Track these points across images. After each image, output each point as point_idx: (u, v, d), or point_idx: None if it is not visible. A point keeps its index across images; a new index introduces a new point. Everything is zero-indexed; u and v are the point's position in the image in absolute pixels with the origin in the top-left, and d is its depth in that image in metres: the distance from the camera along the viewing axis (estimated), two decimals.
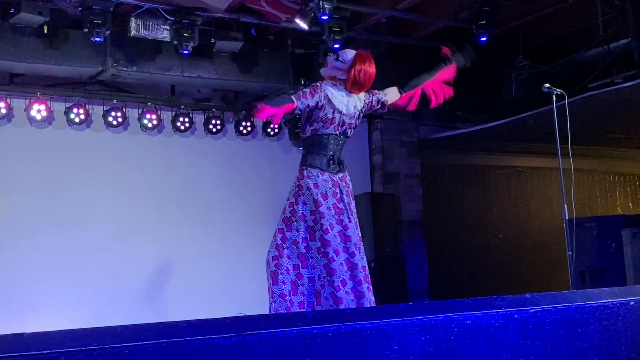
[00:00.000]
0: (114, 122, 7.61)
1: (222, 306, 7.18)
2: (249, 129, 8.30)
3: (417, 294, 8.88)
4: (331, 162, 4.31)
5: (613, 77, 7.00)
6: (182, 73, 7.25)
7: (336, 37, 6.86)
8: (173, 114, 7.94)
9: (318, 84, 4.24)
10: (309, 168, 4.29)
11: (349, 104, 4.31)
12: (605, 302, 3.35)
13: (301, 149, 4.45)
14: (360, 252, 4.27)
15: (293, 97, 4.09)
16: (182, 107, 7.98)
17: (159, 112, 7.82)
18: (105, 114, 7.59)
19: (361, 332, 2.67)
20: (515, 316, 3.07)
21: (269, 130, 8.43)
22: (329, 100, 4.22)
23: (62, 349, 2.16)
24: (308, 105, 4.14)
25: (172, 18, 6.81)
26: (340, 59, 4.33)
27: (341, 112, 4.27)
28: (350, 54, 4.34)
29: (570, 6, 7.16)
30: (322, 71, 4.39)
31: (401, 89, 4.58)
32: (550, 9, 7.27)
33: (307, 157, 4.33)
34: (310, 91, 4.15)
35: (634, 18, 6.63)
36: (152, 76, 7.27)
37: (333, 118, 4.24)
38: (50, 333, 2.23)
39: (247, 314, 2.89)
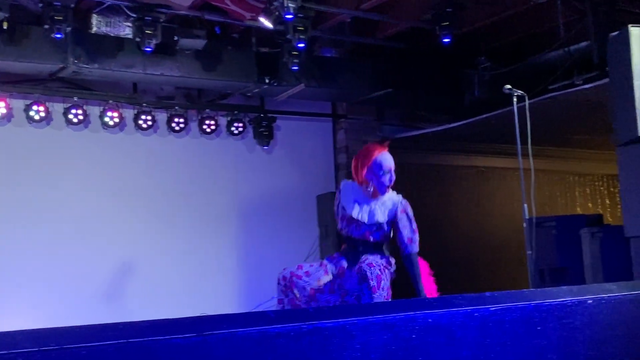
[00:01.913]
0: (75, 120, 7.51)
1: (185, 306, 7.15)
2: (212, 127, 8.26)
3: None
4: None
5: (573, 79, 7.10)
6: (145, 70, 7.18)
7: (300, 36, 6.86)
8: (135, 112, 7.87)
9: None
10: None
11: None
12: (563, 301, 3.40)
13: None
14: None
15: None
16: (145, 105, 7.91)
17: (120, 110, 7.75)
18: (66, 112, 7.49)
19: (322, 332, 2.67)
20: (476, 314, 3.10)
21: (232, 129, 8.40)
22: None
23: (20, 349, 2.13)
24: None
25: (134, 15, 6.74)
26: None
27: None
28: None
29: (531, 9, 7.25)
30: None
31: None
32: (512, 11, 7.35)
33: None
34: None
35: (593, 21, 6.74)
36: (113, 73, 7.19)
37: None
38: (7, 333, 2.19)
39: (210, 314, 2.88)
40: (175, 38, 7.03)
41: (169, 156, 8.21)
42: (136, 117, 7.84)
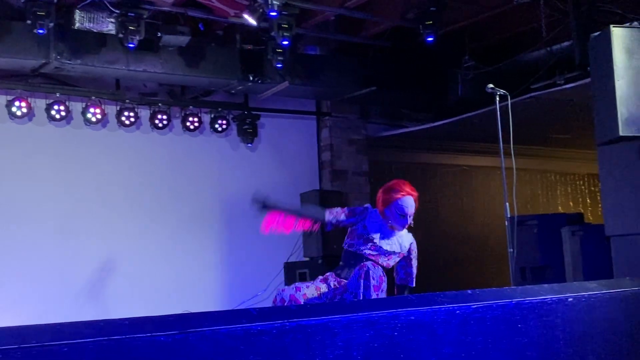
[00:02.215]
0: (57, 116, 7.46)
1: (168, 304, 7.13)
2: (196, 124, 8.23)
3: None
4: None
5: (555, 79, 7.15)
6: (128, 67, 7.14)
7: (285, 34, 6.85)
8: (118, 108, 7.83)
9: None
10: None
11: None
12: (544, 299, 3.43)
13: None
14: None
15: None
16: (127, 101, 7.87)
17: (103, 106, 7.70)
18: (48, 108, 7.44)
19: (305, 329, 2.68)
20: (457, 312, 3.12)
21: (216, 126, 8.38)
22: None
23: (0, 346, 2.12)
24: None
25: (117, 11, 6.70)
26: None
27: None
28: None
29: (514, 8, 7.29)
30: None
31: None
32: (496, 10, 7.39)
33: None
34: None
35: (575, 21, 6.78)
36: (96, 69, 7.15)
37: None
38: None
39: (193, 312, 2.88)
40: (159, 34, 7.00)
41: (152, 153, 8.17)
42: (119, 114, 7.80)
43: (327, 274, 4.78)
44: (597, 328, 3.70)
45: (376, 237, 4.68)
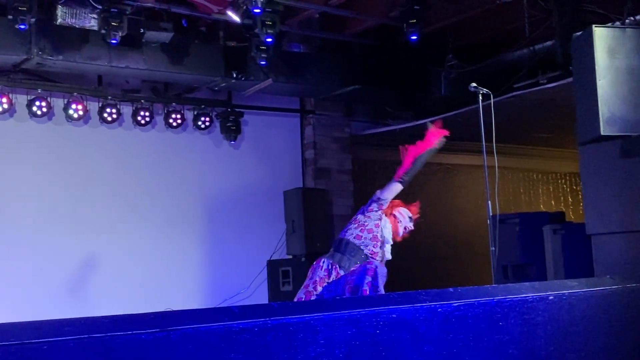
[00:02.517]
0: (39, 112, 7.40)
1: (150, 302, 7.10)
2: (179, 121, 8.20)
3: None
4: None
5: (538, 78, 7.19)
6: (110, 63, 7.10)
7: (269, 31, 6.83)
8: (100, 105, 7.78)
9: None
10: None
11: None
12: (525, 297, 3.45)
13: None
14: None
15: None
16: (110, 97, 7.82)
17: (85, 103, 7.65)
18: (30, 104, 7.38)
19: (287, 327, 2.68)
20: (439, 310, 3.13)
21: (199, 123, 8.35)
22: None
23: None
24: None
25: (100, 7, 6.64)
26: None
27: None
28: None
29: (498, 8, 7.32)
30: None
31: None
32: (479, 9, 7.42)
33: None
34: None
35: (558, 20, 6.82)
36: (78, 65, 7.09)
37: None
38: None
39: (175, 310, 2.86)
40: (142, 31, 6.95)
41: (134, 150, 8.13)
42: (101, 110, 7.75)
43: (327, 261, 4.82)
44: (578, 326, 3.72)
45: (388, 245, 4.86)
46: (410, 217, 4.97)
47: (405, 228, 4.94)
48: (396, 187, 4.87)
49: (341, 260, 4.77)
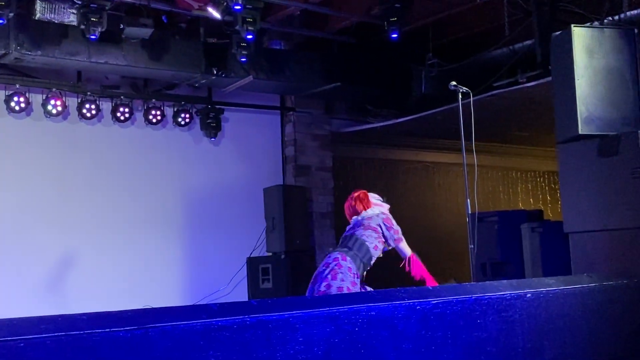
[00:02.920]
0: (17, 108, 7.32)
1: (129, 299, 7.03)
2: (158, 117, 8.15)
3: None
4: None
5: (517, 77, 7.23)
6: (89, 59, 7.04)
7: (249, 28, 6.81)
8: (79, 101, 7.72)
9: None
10: None
11: None
12: (503, 294, 3.47)
13: None
14: None
15: None
16: (89, 93, 7.76)
17: (64, 98, 7.58)
18: (8, 99, 7.30)
19: (266, 324, 2.68)
20: (418, 307, 3.15)
21: (179, 119, 8.31)
22: None
23: None
24: None
25: (79, 2, 6.58)
26: None
27: None
28: None
29: (478, 6, 7.35)
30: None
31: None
32: (459, 8, 7.45)
33: None
34: None
35: (537, 20, 6.87)
36: (57, 61, 7.03)
37: None
38: None
39: (154, 307, 2.85)
40: (121, 26, 6.90)
41: (113, 146, 8.08)
42: (80, 106, 7.69)
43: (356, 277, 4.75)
44: (555, 323, 3.76)
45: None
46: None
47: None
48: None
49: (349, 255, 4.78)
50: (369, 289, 4.72)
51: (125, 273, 7.86)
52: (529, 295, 3.62)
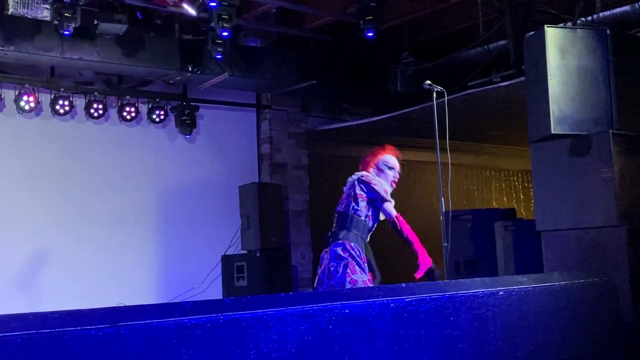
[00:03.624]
0: None
1: (102, 297, 6.98)
2: (133, 114, 8.09)
3: (301, 284, 8.97)
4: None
5: (491, 77, 7.29)
6: (63, 54, 6.97)
7: (225, 25, 6.79)
8: (52, 97, 7.64)
9: None
10: None
11: None
12: (476, 292, 3.50)
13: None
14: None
15: None
16: (62, 89, 7.69)
17: (37, 94, 7.50)
18: None
19: (240, 322, 2.68)
20: (392, 305, 3.16)
21: (154, 116, 8.26)
22: None
23: None
24: None
25: None
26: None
27: None
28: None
29: (453, 6, 7.40)
30: None
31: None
32: (435, 8, 7.48)
33: None
34: None
35: (511, 20, 6.92)
36: (30, 56, 6.95)
37: None
38: None
39: (127, 305, 2.83)
40: (95, 22, 6.84)
41: (87, 143, 8.01)
42: (53, 102, 7.61)
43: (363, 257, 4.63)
44: (527, 321, 3.80)
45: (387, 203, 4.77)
46: (386, 164, 4.85)
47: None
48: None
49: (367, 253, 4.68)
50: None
51: (98, 271, 7.80)
52: (501, 293, 3.65)
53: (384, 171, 4.83)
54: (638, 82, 5.63)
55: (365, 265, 4.56)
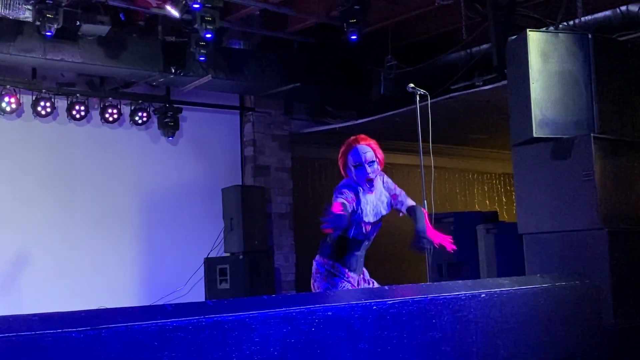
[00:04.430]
0: None
1: (84, 300, 6.95)
2: (115, 116, 8.05)
3: (284, 286, 8.96)
4: None
5: (474, 80, 7.33)
6: (45, 56, 6.93)
7: (208, 27, 6.78)
8: (34, 98, 7.59)
9: None
10: None
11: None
12: (458, 294, 3.51)
13: None
14: None
15: None
16: (44, 91, 7.64)
17: (18, 96, 7.45)
18: None
19: (222, 325, 2.67)
20: (374, 307, 3.16)
21: (136, 118, 8.22)
22: None
23: None
24: None
25: None
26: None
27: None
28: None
29: (436, 10, 7.43)
30: None
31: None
32: (418, 11, 7.51)
33: None
34: None
35: (494, 24, 6.96)
36: (12, 57, 6.90)
37: None
38: None
39: (109, 307, 2.82)
40: (78, 23, 6.80)
41: (69, 145, 7.96)
42: (35, 104, 7.56)
43: (346, 272, 4.06)
44: (509, 323, 3.81)
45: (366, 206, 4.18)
46: (354, 165, 4.18)
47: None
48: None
49: (348, 262, 4.15)
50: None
51: (80, 273, 7.75)
52: (483, 295, 3.66)
53: (352, 173, 4.23)
54: (619, 86, 5.68)
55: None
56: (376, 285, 4.14)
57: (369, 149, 4.22)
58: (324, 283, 4.04)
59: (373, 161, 4.21)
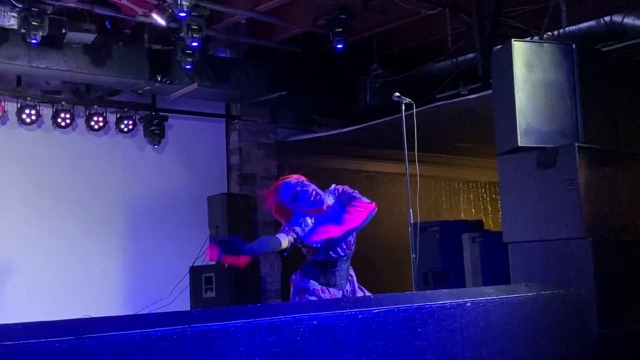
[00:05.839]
0: None
1: (68, 310, 6.89)
2: (101, 124, 8.02)
3: (270, 295, 8.94)
4: None
5: (459, 89, 7.36)
6: (30, 63, 6.90)
7: (194, 35, 6.78)
8: (19, 106, 7.54)
9: None
10: None
11: None
12: (443, 303, 3.52)
13: None
14: None
15: None
16: (29, 98, 7.60)
17: (3, 104, 7.41)
18: None
19: (207, 334, 2.66)
20: (360, 317, 3.16)
21: (122, 126, 8.20)
22: None
23: None
24: None
25: (20, 5, 6.46)
26: None
27: None
28: None
29: (422, 19, 7.48)
30: None
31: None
32: (404, 20, 7.55)
33: None
34: None
35: (479, 34, 7.01)
36: None
37: None
38: None
39: (93, 317, 2.80)
40: (63, 31, 6.79)
41: (54, 153, 7.91)
42: (19, 111, 7.52)
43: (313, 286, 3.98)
44: (494, 332, 3.82)
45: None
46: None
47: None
48: None
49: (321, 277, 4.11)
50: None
51: (65, 282, 7.70)
52: (468, 304, 3.67)
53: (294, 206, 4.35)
54: (603, 95, 5.73)
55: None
56: (367, 293, 4.12)
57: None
58: (296, 299, 4.01)
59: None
